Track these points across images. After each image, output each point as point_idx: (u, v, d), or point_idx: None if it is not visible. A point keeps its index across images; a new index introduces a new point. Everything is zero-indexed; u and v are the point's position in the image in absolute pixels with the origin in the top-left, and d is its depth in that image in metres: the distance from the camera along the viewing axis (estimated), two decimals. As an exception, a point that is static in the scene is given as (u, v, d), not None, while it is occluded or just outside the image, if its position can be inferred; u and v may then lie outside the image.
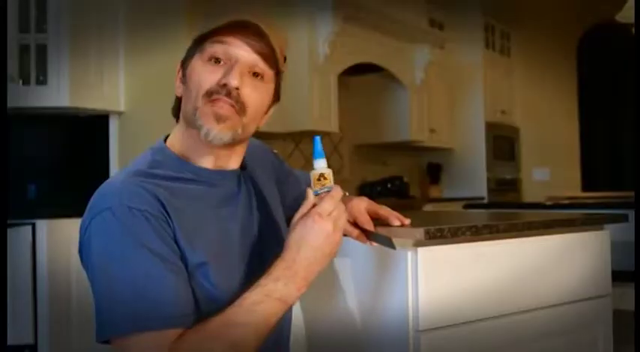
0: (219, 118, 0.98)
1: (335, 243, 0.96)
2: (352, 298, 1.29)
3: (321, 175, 1.00)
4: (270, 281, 0.92)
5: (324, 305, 1.32)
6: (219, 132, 0.99)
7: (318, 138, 1.03)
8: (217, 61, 1.00)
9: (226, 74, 0.98)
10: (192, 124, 1.01)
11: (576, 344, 1.47)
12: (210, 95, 0.98)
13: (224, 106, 0.98)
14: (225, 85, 0.98)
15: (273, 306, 0.92)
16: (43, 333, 2.89)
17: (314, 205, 0.97)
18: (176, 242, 0.94)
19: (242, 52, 1.00)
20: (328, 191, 0.99)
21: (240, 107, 0.99)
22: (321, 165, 1.01)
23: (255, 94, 1.02)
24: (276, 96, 1.09)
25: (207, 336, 0.89)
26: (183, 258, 0.95)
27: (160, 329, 0.87)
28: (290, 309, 1.07)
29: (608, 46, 6.63)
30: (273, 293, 0.92)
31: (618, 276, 1.62)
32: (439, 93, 5.54)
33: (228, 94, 0.98)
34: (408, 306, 1.16)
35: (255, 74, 1.02)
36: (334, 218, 0.96)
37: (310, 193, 0.99)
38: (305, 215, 0.96)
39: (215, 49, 1.00)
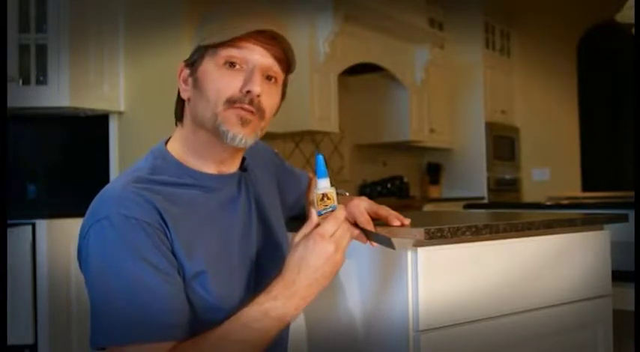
0: (243, 122, 0.98)
1: (336, 265, 0.95)
2: (352, 298, 1.29)
3: (325, 195, 1.00)
4: (268, 300, 0.92)
5: (324, 305, 1.32)
6: (244, 136, 0.99)
7: (320, 156, 1.02)
8: (232, 65, 0.99)
9: (248, 81, 0.98)
10: (211, 129, 1.00)
11: (576, 343, 1.47)
12: (232, 102, 0.98)
13: (246, 113, 0.98)
14: (248, 92, 0.98)
15: (270, 324, 0.92)
16: (43, 333, 2.88)
17: (317, 225, 0.96)
18: (173, 252, 0.94)
19: (258, 56, 0.99)
20: (332, 211, 0.98)
21: (260, 114, 1.00)
22: (324, 184, 1.00)
23: (270, 99, 1.02)
24: (283, 96, 1.09)
25: (203, 350, 0.89)
26: (180, 268, 0.94)
27: (154, 340, 0.88)
28: None
29: (608, 46, 6.64)
30: (271, 312, 0.91)
31: (618, 276, 1.62)
32: (439, 93, 5.54)
33: (250, 102, 0.98)
34: (408, 306, 1.15)
35: (269, 77, 1.02)
36: (336, 239, 0.95)
37: (314, 213, 0.98)
38: (307, 235, 0.95)
39: (231, 53, 0.99)
